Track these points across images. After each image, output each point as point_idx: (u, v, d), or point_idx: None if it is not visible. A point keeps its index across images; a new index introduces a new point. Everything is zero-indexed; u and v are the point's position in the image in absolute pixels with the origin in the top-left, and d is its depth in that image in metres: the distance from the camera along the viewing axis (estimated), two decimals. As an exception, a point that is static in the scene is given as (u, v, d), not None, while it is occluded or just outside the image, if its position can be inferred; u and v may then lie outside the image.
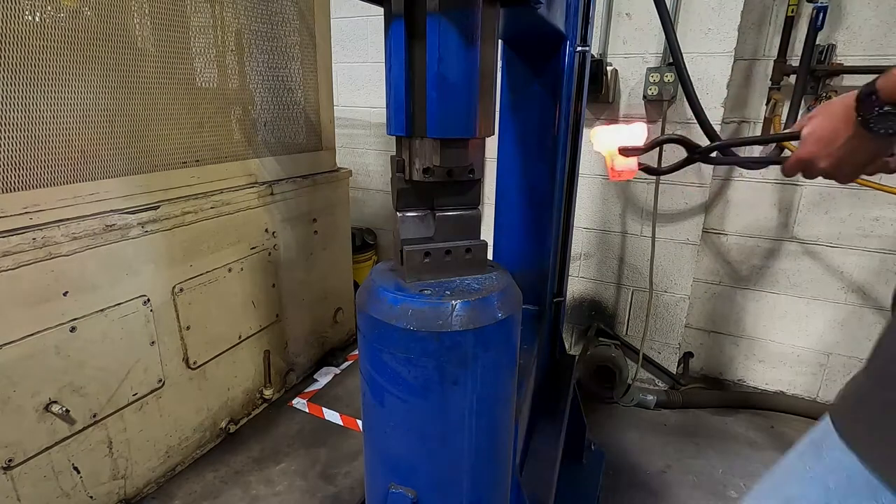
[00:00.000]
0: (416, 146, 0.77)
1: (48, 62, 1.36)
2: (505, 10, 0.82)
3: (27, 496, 1.43)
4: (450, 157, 0.77)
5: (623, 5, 2.20)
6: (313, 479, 1.91)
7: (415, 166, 0.78)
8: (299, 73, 2.25)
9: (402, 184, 0.80)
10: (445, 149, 0.76)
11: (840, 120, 0.71)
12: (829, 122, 0.73)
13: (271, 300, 2.22)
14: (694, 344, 2.61)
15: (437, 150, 0.75)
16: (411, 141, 0.77)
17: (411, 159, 0.78)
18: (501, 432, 0.88)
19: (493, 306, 0.76)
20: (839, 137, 0.72)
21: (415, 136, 0.76)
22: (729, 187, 2.34)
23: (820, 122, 0.74)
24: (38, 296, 1.39)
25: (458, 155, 0.77)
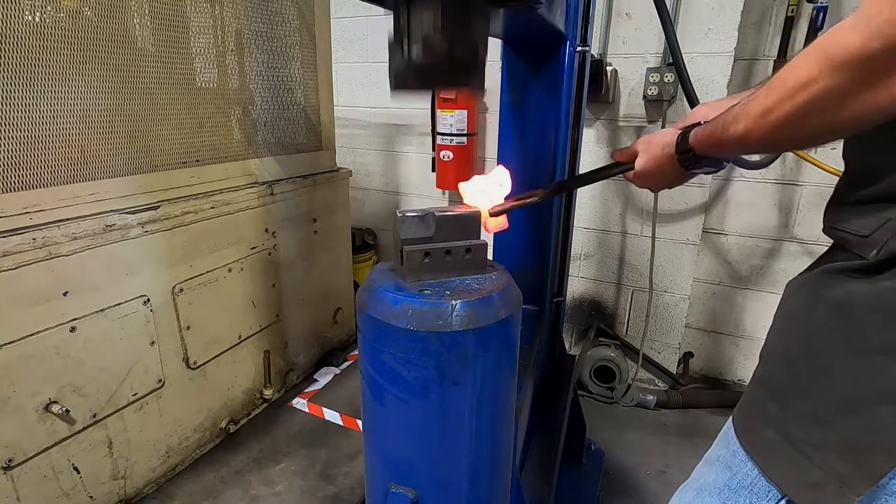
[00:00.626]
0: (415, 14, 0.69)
1: (48, 62, 1.36)
2: (505, 10, 0.82)
3: (27, 496, 1.43)
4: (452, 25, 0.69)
5: (623, 5, 2.20)
6: (313, 479, 1.91)
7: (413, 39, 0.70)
8: (299, 73, 2.25)
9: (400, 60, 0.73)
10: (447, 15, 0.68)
11: (665, 164, 0.89)
12: (657, 164, 0.91)
13: (271, 300, 2.22)
14: (694, 344, 2.61)
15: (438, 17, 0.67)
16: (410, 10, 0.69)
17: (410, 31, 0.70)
18: (501, 432, 0.88)
19: (493, 306, 0.76)
20: (665, 175, 0.92)
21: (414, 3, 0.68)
22: (729, 187, 2.34)
23: (648, 163, 0.92)
24: (38, 296, 1.39)
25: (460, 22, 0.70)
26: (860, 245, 0.61)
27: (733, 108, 0.69)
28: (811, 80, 0.54)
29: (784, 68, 0.58)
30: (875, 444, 0.59)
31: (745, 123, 0.65)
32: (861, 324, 0.59)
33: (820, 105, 0.54)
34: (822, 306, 0.64)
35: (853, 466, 0.60)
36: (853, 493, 0.61)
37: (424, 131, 2.84)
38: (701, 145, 0.80)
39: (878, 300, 0.58)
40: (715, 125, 0.73)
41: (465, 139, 2.58)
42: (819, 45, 0.53)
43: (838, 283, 0.62)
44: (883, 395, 0.57)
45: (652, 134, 0.94)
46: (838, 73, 0.51)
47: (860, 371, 0.59)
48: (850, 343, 0.60)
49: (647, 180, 0.95)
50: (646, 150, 0.92)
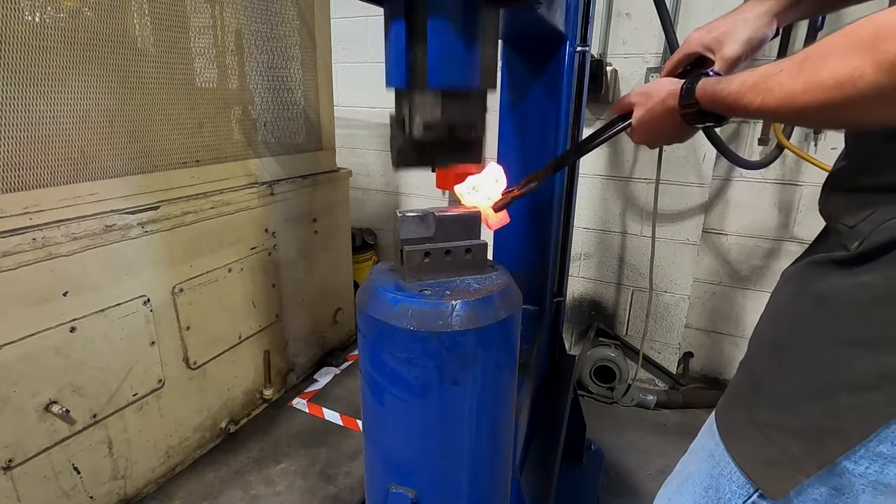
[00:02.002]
0: (416, 100, 0.73)
1: (48, 62, 1.36)
2: (505, 10, 0.82)
3: (27, 496, 1.43)
4: (452, 111, 0.73)
5: (623, 5, 2.20)
6: (313, 479, 1.91)
7: (415, 122, 0.74)
8: (299, 73, 2.25)
9: (402, 140, 0.77)
10: (448, 101, 0.72)
11: (667, 118, 0.82)
12: (656, 119, 0.84)
13: (271, 300, 2.22)
14: (694, 344, 2.61)
15: (439, 103, 0.72)
16: (412, 95, 0.73)
17: (412, 114, 0.74)
18: (501, 432, 0.88)
19: (493, 306, 0.76)
20: (665, 130, 0.85)
21: (415, 90, 0.73)
22: (729, 187, 2.34)
23: (645, 116, 0.85)
24: (38, 296, 1.39)
25: (460, 108, 0.73)
26: (846, 235, 0.61)
27: (752, 74, 0.63)
28: (851, 80, 0.48)
29: (819, 52, 0.53)
30: (830, 429, 0.60)
31: (763, 99, 0.60)
32: (837, 316, 0.60)
33: (856, 105, 0.50)
34: (806, 297, 0.64)
35: (807, 449, 0.62)
36: (803, 474, 0.63)
37: (424, 131, 2.83)
38: (709, 102, 0.73)
39: (856, 294, 0.58)
40: (728, 87, 0.68)
41: (465, 139, 2.58)
42: (866, 37, 0.47)
43: (823, 274, 0.63)
44: (845, 384, 0.59)
45: (650, 84, 0.87)
46: (887, 73, 0.45)
47: (829, 361, 0.60)
48: (825, 334, 0.61)
49: (644, 136, 0.89)
50: (643, 104, 0.86)
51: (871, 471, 0.58)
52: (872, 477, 0.58)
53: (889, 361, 0.55)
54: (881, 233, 0.56)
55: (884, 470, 0.57)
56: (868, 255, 0.57)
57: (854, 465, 0.59)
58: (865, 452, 0.58)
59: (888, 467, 0.57)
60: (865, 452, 0.58)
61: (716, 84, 0.71)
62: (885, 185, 0.59)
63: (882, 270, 0.56)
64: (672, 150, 2.25)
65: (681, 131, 0.83)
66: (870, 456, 0.58)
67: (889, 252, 0.56)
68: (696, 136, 2.25)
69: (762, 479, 0.67)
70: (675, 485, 0.85)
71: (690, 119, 0.78)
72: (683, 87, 0.77)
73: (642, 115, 0.86)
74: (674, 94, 0.79)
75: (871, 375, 0.56)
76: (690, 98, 0.76)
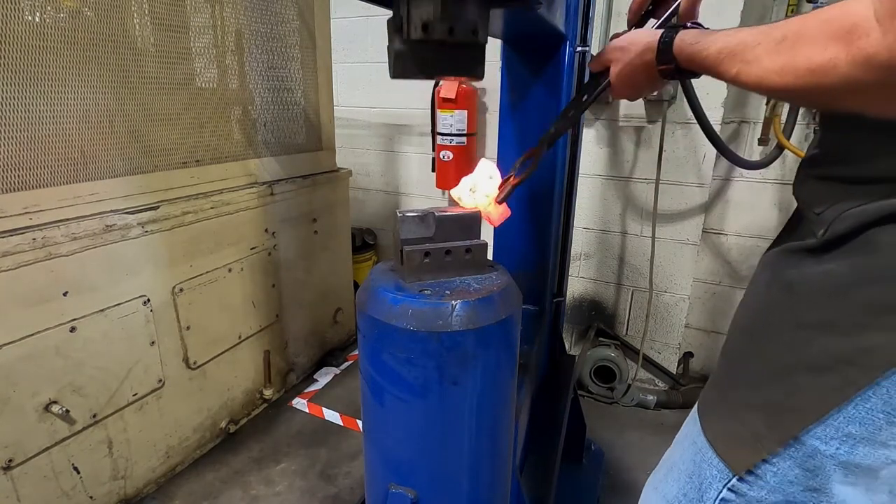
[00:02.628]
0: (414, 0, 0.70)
1: (48, 62, 1.36)
2: (505, 10, 0.82)
3: (27, 496, 1.43)
4: (451, 9, 0.69)
5: (623, 5, 2.20)
6: (313, 479, 1.91)
7: (413, 23, 0.70)
8: (299, 73, 2.25)
9: (400, 45, 0.73)
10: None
11: (641, 72, 0.83)
12: (633, 73, 0.85)
13: (271, 300, 2.22)
14: (694, 344, 2.61)
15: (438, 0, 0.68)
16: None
17: (409, 14, 0.70)
18: (501, 432, 0.88)
19: (493, 306, 0.76)
20: (642, 83, 0.86)
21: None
22: (729, 187, 2.34)
23: (623, 71, 0.86)
24: (38, 296, 1.39)
25: (459, 5, 0.70)
26: (814, 222, 0.63)
27: (731, 38, 0.63)
28: (825, 69, 0.49)
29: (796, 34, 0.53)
30: (790, 406, 0.62)
31: (738, 71, 0.61)
32: (803, 301, 0.62)
33: (828, 92, 0.51)
34: (779, 285, 0.66)
35: (769, 425, 0.64)
36: (765, 451, 0.64)
37: (424, 131, 2.84)
38: (685, 60, 0.74)
39: (822, 281, 0.60)
40: (706, 49, 0.68)
41: (465, 139, 2.58)
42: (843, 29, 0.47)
43: (795, 262, 0.64)
44: (804, 364, 0.61)
45: (626, 35, 0.87)
46: (861, 68, 0.46)
47: (791, 343, 0.63)
48: (790, 318, 0.63)
49: (623, 90, 0.90)
50: (620, 59, 0.86)
51: (841, 451, 0.59)
52: (843, 457, 0.59)
53: (843, 345, 0.57)
54: (843, 221, 0.57)
55: (854, 450, 0.58)
56: (833, 242, 0.59)
57: (825, 445, 0.60)
58: (835, 433, 0.59)
59: (858, 447, 0.58)
60: (835, 433, 0.59)
61: (694, 43, 0.71)
62: (850, 174, 0.60)
63: (845, 259, 0.58)
64: (672, 151, 2.25)
65: (657, 83, 0.85)
66: (839, 437, 0.59)
67: (851, 240, 0.57)
68: (696, 137, 2.24)
69: (728, 454, 0.69)
70: (661, 473, 0.86)
71: (667, 74, 0.79)
72: (660, 41, 0.77)
73: (620, 70, 0.87)
74: (651, 48, 0.79)
75: (827, 357, 0.59)
76: (668, 55, 0.76)
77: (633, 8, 1.01)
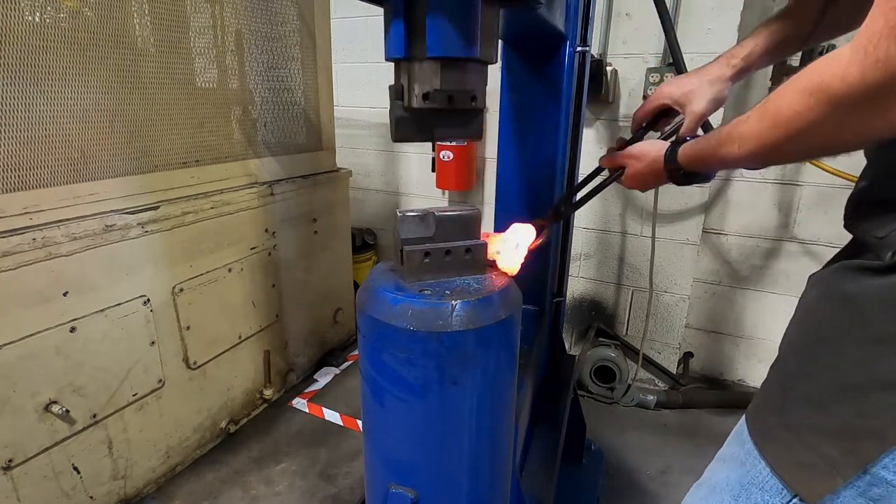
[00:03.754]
0: (415, 70, 0.73)
1: (48, 62, 1.36)
2: (505, 10, 0.82)
3: (27, 496, 1.43)
4: (451, 80, 0.72)
5: (623, 5, 2.20)
6: (313, 479, 1.91)
7: (414, 92, 0.73)
8: (299, 73, 2.25)
9: (401, 112, 0.76)
10: (446, 70, 0.71)
11: (655, 178, 0.95)
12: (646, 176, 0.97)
13: (271, 300, 2.22)
14: (694, 344, 2.61)
15: (438, 72, 0.71)
16: (410, 64, 0.73)
17: (410, 84, 0.73)
18: (501, 432, 0.88)
19: (493, 306, 0.76)
20: (651, 182, 0.98)
21: (414, 59, 0.72)
22: (729, 187, 2.34)
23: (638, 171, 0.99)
24: (38, 296, 1.39)
25: (459, 77, 0.73)
26: (877, 246, 0.61)
27: (723, 128, 0.71)
28: (806, 110, 0.55)
29: (777, 95, 0.60)
30: (866, 429, 0.59)
31: (738, 145, 0.68)
32: (867, 315, 0.60)
33: (815, 133, 0.56)
34: (834, 298, 0.65)
35: (843, 450, 0.61)
36: (840, 477, 0.61)
37: (424, 131, 2.84)
38: (690, 163, 0.84)
39: (887, 293, 0.58)
40: (705, 144, 0.77)
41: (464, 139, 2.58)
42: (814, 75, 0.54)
43: (852, 278, 0.63)
44: (877, 382, 0.58)
45: (637, 146, 0.99)
46: (835, 104, 0.52)
47: (859, 358, 0.60)
48: (854, 332, 0.61)
49: (634, 185, 1.03)
50: (633, 165, 0.99)
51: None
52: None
53: None
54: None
55: None
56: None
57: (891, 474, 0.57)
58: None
59: None
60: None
61: (694, 145, 0.80)
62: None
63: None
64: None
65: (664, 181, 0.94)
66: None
67: None
68: (696, 136, 2.21)
69: (797, 482, 0.66)
70: (701, 494, 0.83)
71: (678, 181, 0.89)
72: (666, 152, 0.88)
73: (633, 174, 1.00)
74: (658, 160, 0.90)
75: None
76: (673, 163, 0.87)
77: (635, 123, 1.15)
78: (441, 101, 0.73)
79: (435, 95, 0.72)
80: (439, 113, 0.76)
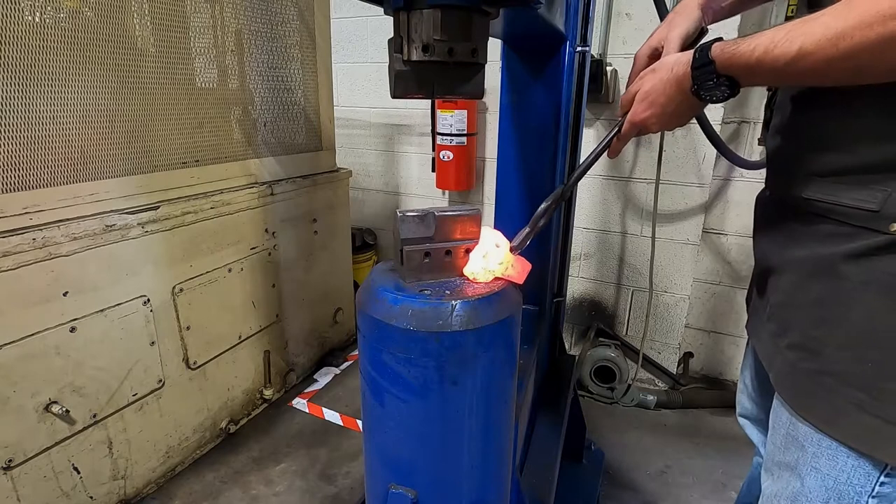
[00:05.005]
0: (415, 21, 0.71)
1: (48, 62, 1.36)
2: (505, 10, 0.82)
3: (27, 496, 1.43)
4: (452, 30, 0.70)
5: (623, 5, 2.20)
6: (313, 479, 1.91)
7: (414, 44, 0.71)
8: (299, 73, 2.25)
9: (400, 65, 0.74)
10: (447, 20, 0.69)
11: (673, 87, 0.76)
12: (663, 88, 0.77)
13: (271, 300, 2.22)
14: (694, 344, 2.61)
15: (438, 21, 0.69)
16: (410, 15, 0.71)
17: (410, 36, 0.71)
18: (501, 432, 0.88)
19: (493, 306, 0.76)
20: (671, 103, 0.77)
21: (415, 8, 0.70)
22: (729, 187, 2.34)
23: (653, 87, 0.79)
24: (38, 296, 1.39)
25: (460, 27, 0.71)
26: (868, 219, 0.61)
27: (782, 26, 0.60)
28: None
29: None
30: None
31: (802, 44, 0.56)
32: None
33: None
34: (869, 292, 0.64)
35: None
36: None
37: (424, 131, 2.84)
38: (727, 60, 0.67)
39: None
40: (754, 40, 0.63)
41: (465, 139, 2.59)
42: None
43: (873, 266, 0.63)
44: None
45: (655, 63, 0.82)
46: None
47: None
48: None
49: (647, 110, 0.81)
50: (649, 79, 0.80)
51: None
52: None
53: None
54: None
55: None
56: None
57: None
58: None
59: None
60: None
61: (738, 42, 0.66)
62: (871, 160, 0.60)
63: None
64: (672, 150, 2.25)
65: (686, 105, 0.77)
66: None
67: None
68: (696, 137, 2.24)
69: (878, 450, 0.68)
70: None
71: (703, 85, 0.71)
72: (696, 49, 0.72)
73: (647, 89, 0.79)
74: (681, 61, 0.74)
75: None
76: (705, 58, 0.69)
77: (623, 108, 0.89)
78: (441, 52, 0.71)
79: (435, 47, 0.70)
80: (440, 66, 0.73)
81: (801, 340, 0.75)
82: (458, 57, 0.72)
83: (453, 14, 0.70)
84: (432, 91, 0.76)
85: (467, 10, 0.71)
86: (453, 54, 0.72)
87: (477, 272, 0.83)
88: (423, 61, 0.72)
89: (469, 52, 0.73)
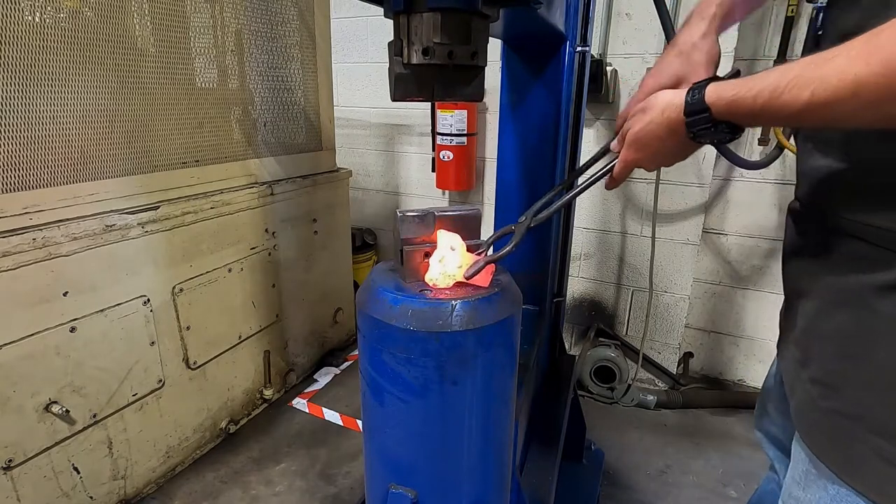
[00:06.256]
0: (415, 24, 0.71)
1: (48, 62, 1.36)
2: (505, 10, 0.82)
3: (27, 496, 1.43)
4: (451, 33, 0.70)
5: (623, 5, 2.20)
6: (313, 479, 1.91)
7: (414, 47, 0.72)
8: (299, 73, 2.25)
9: (401, 68, 0.74)
10: (447, 23, 0.69)
11: (664, 131, 0.71)
12: (654, 131, 0.72)
13: (271, 300, 2.22)
14: (694, 344, 2.61)
15: (438, 24, 0.69)
16: (410, 18, 0.71)
17: (410, 39, 0.72)
18: (501, 432, 0.88)
19: (493, 306, 0.76)
20: (664, 147, 0.73)
21: (414, 11, 0.71)
22: (729, 187, 2.34)
23: (642, 130, 0.74)
24: (38, 296, 1.39)
25: (460, 30, 0.71)
26: None
27: (789, 67, 0.54)
28: None
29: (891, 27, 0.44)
30: None
31: (813, 91, 0.50)
32: None
33: None
34: None
35: None
36: None
37: (424, 131, 2.84)
38: (725, 107, 0.62)
39: None
40: (756, 84, 0.57)
41: (465, 139, 2.59)
42: None
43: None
44: None
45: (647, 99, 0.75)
46: None
47: None
48: None
49: (638, 152, 0.76)
50: (639, 120, 0.74)
51: None
52: None
53: None
54: None
55: None
56: None
57: None
58: None
59: None
60: None
61: (736, 86, 0.60)
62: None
63: None
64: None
65: (681, 147, 0.73)
66: None
67: None
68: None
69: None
70: None
71: (699, 132, 0.66)
72: (688, 93, 0.66)
73: (637, 131, 0.74)
74: (673, 104, 0.68)
75: None
76: (698, 104, 0.64)
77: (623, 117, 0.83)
78: (441, 55, 0.71)
79: (435, 50, 0.70)
80: (440, 69, 0.73)
81: (822, 375, 0.68)
82: (458, 60, 0.73)
83: (453, 17, 0.70)
84: (432, 94, 0.76)
85: (467, 13, 0.72)
86: (453, 57, 0.72)
87: (436, 278, 0.81)
88: (424, 64, 0.72)
89: (469, 55, 0.74)
